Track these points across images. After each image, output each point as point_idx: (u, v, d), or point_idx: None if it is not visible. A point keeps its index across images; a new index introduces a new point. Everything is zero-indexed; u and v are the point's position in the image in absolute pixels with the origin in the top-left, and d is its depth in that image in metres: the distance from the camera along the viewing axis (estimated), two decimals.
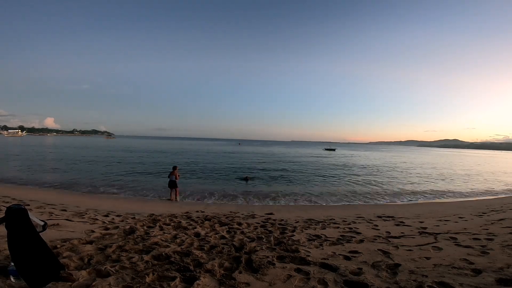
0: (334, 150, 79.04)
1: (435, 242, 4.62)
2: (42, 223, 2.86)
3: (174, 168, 11.26)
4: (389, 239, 4.99)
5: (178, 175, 11.22)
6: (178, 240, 4.53)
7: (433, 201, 12.90)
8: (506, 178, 24.24)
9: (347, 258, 3.80)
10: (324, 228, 6.06)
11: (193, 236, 4.93)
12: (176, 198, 10.93)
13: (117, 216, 6.77)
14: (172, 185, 10.88)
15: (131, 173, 18.50)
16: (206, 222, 6.40)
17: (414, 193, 14.92)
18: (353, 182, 18.26)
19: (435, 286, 2.83)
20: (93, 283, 2.74)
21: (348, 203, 11.97)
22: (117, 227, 5.37)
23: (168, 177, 11.15)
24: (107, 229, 5.18)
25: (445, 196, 14.43)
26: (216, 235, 5.07)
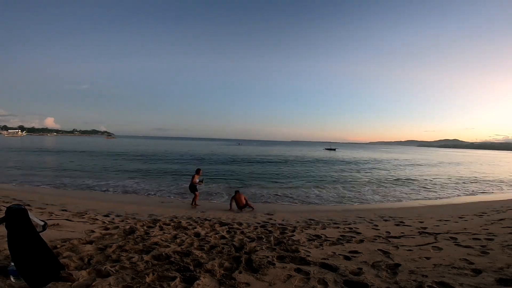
0: (334, 150, 79.14)
1: (435, 242, 4.61)
2: (42, 223, 2.86)
3: (197, 171, 10.29)
4: (389, 239, 4.99)
5: (198, 181, 10.14)
6: (178, 240, 4.53)
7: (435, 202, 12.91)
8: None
9: (347, 258, 3.80)
10: (324, 228, 6.06)
11: (193, 236, 4.93)
12: (193, 203, 9.88)
13: (117, 216, 6.77)
14: (191, 189, 9.97)
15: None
16: (206, 222, 6.40)
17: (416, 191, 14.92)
18: (355, 182, 18.25)
19: (435, 286, 2.83)
20: (93, 283, 2.74)
21: (349, 202, 11.97)
22: (117, 227, 5.36)
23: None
24: (107, 229, 5.17)
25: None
26: (216, 235, 5.07)
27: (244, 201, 9.18)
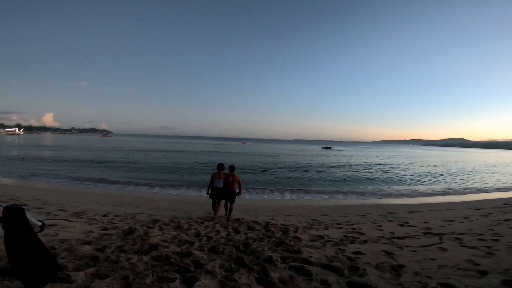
0: (330, 148, 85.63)
1: (440, 243, 4.53)
2: (39, 224, 2.82)
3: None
4: (393, 239, 4.92)
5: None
6: (178, 241, 4.49)
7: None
8: None
9: (350, 259, 3.74)
10: (327, 229, 5.99)
11: (193, 237, 4.88)
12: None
13: (116, 216, 6.72)
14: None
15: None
16: (206, 222, 6.35)
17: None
18: (354, 180, 18.16)
19: (439, 287, 2.76)
20: (92, 284, 2.70)
21: (349, 202, 11.88)
22: (116, 227, 5.32)
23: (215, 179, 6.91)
24: (105, 229, 5.13)
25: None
26: (217, 236, 5.02)
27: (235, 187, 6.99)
